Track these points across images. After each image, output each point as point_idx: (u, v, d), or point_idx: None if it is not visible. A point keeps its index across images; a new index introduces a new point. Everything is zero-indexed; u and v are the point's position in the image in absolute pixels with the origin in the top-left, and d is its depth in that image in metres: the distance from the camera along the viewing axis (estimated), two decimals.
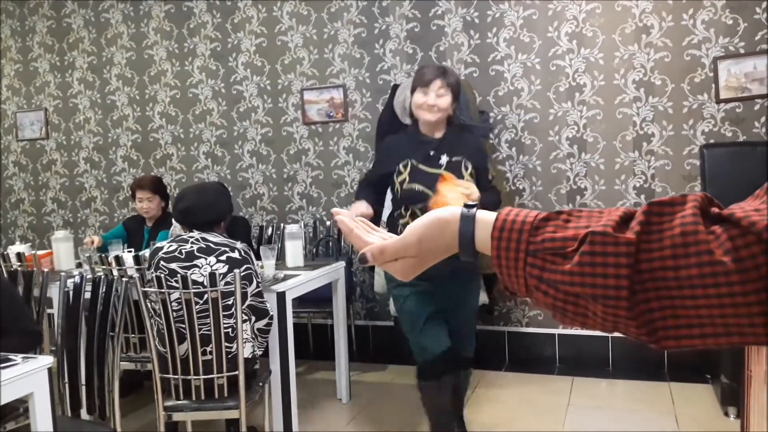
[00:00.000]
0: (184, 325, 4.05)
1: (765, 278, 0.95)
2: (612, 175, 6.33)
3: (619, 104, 6.26)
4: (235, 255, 4.25)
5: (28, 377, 3.08)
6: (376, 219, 4.40)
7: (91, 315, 3.91)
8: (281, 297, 4.70)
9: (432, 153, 4.33)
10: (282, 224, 7.16)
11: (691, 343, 1.04)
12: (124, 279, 4.04)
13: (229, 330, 4.11)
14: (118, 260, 5.17)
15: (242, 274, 4.11)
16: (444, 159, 4.31)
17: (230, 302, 4.09)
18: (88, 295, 3.98)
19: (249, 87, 7.57)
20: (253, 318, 4.37)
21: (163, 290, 4.02)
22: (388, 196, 4.62)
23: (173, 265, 4.17)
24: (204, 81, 7.76)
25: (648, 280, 1.02)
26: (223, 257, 4.22)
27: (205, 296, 4.04)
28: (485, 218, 1.20)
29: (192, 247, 4.24)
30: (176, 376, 4.12)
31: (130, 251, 5.55)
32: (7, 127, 8.85)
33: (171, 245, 4.28)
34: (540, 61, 6.48)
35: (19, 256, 5.85)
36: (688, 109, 6.06)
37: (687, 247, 0.99)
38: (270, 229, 7.26)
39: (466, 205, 1.24)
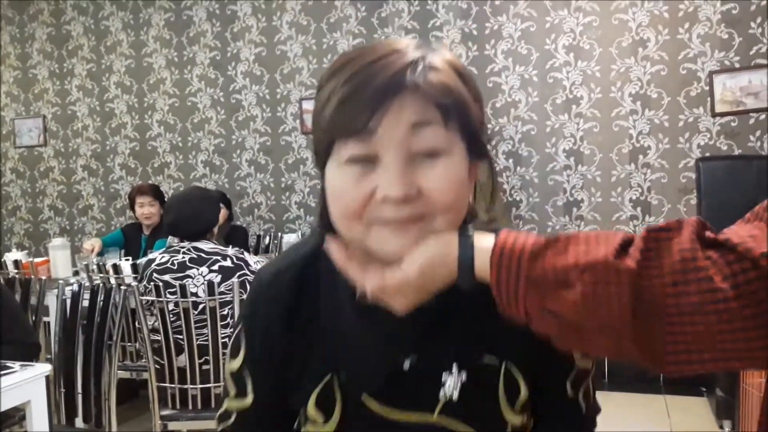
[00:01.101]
0: (181, 336, 4.05)
1: (761, 304, 0.96)
2: (608, 188, 6.34)
3: (616, 117, 6.28)
4: (228, 263, 4.20)
5: (26, 385, 3.10)
6: None
7: (88, 324, 3.90)
8: None
9: (409, 362, 1.32)
10: (279, 233, 7.17)
11: (692, 369, 1.04)
12: (122, 287, 4.03)
13: (227, 339, 4.10)
14: (116, 268, 5.17)
15: (238, 281, 4.11)
16: (451, 379, 1.31)
17: (225, 312, 4.09)
18: (85, 303, 3.98)
19: (248, 96, 7.58)
20: None
21: (161, 299, 4.02)
22: None
23: (166, 277, 4.16)
24: (203, 89, 7.77)
25: (649, 307, 1.01)
26: (215, 267, 4.18)
27: (200, 307, 4.05)
28: (483, 244, 1.15)
29: (184, 257, 4.22)
30: (173, 385, 4.13)
31: (128, 259, 5.55)
32: (5, 134, 8.85)
33: (163, 256, 4.27)
34: (537, 73, 6.50)
35: (16, 263, 5.86)
36: (683, 122, 6.08)
37: (686, 273, 0.99)
38: (267, 239, 7.25)
39: (463, 231, 1.19)
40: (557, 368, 1.35)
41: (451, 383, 1.29)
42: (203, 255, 4.21)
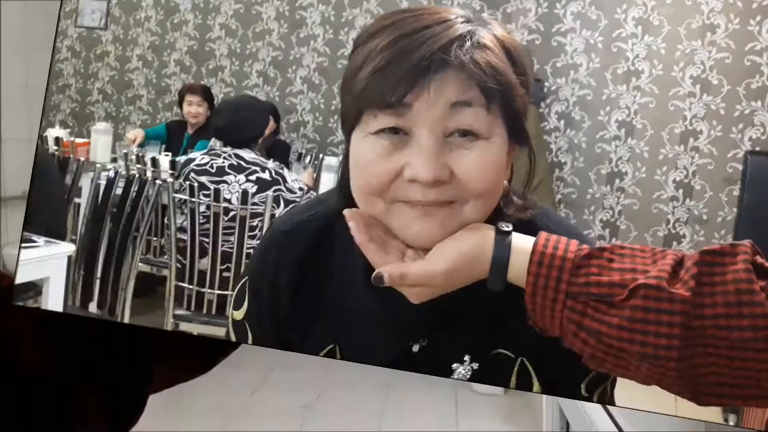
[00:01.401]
0: (207, 240, 4.08)
1: None
2: (654, 165, 6.29)
3: (673, 96, 6.21)
4: (266, 176, 4.20)
5: (47, 261, 3.14)
6: None
7: (118, 212, 3.93)
8: None
9: (418, 346, 1.26)
10: (321, 155, 7.15)
11: (733, 402, 1.00)
12: (157, 182, 4.06)
13: (251, 251, 4.12)
14: (154, 162, 5.19)
15: (272, 195, 4.12)
16: (461, 369, 1.24)
17: (255, 223, 4.10)
18: (119, 192, 4.00)
19: (313, 13, 7.53)
20: None
21: (194, 199, 4.05)
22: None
23: (203, 179, 4.17)
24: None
25: (696, 336, 0.95)
26: (253, 177, 4.18)
27: (231, 214, 4.07)
28: (521, 246, 1.05)
29: (224, 162, 4.22)
30: (191, 287, 4.16)
31: (167, 155, 5.57)
32: (68, 11, 8.84)
33: (203, 158, 4.28)
34: (603, 40, 6.43)
35: (57, 140, 5.88)
36: (739, 113, 6.01)
37: (741, 306, 0.93)
38: (308, 158, 7.23)
39: (499, 230, 1.08)
40: (574, 371, 1.22)
41: (461, 373, 1.23)
42: (243, 163, 4.21)
